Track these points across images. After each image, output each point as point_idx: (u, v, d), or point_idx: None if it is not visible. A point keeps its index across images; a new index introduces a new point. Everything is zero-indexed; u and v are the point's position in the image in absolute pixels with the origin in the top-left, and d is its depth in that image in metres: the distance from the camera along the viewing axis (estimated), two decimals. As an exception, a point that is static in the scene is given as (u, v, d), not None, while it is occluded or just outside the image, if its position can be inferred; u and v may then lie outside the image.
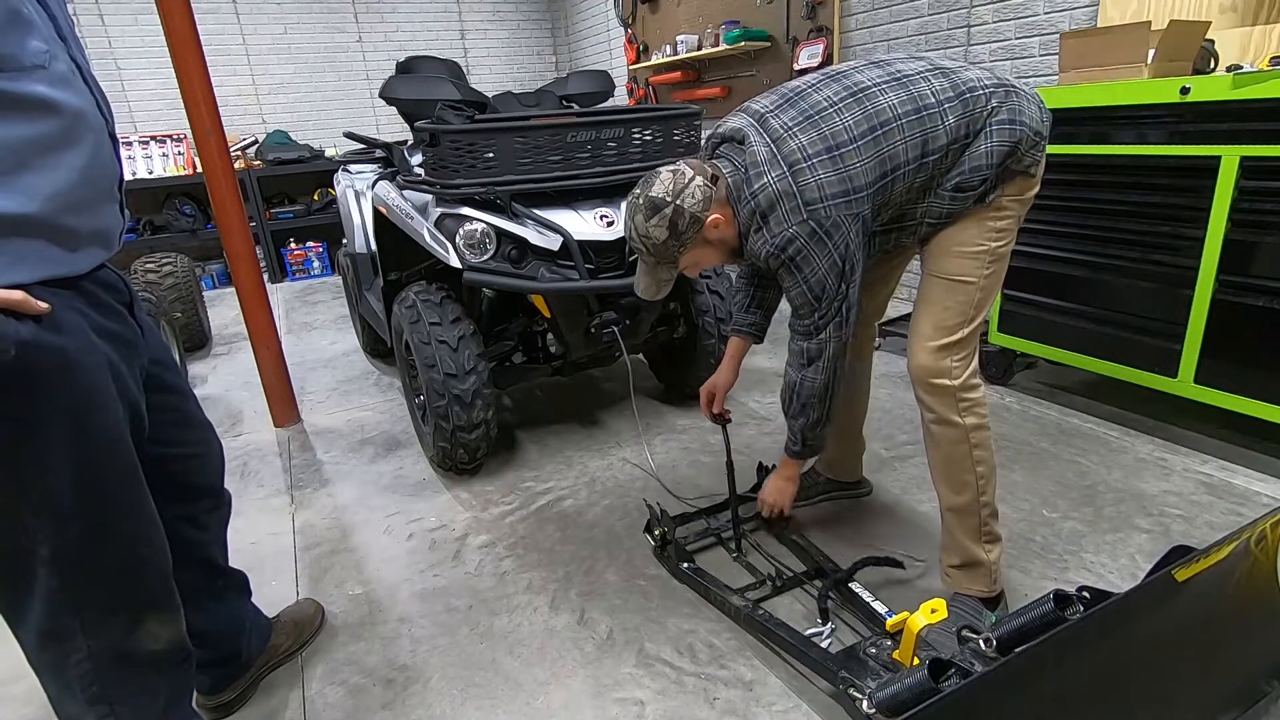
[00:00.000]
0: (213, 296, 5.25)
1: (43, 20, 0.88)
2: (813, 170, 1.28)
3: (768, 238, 1.32)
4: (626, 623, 1.62)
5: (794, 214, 1.28)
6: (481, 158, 2.02)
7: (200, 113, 2.38)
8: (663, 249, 1.38)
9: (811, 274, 1.33)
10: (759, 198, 1.31)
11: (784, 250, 1.31)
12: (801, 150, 1.29)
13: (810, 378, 1.46)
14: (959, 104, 1.29)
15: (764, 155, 1.31)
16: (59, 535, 0.92)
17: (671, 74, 5.15)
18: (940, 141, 1.30)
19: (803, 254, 1.31)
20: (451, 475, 2.34)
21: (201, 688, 1.41)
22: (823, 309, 1.37)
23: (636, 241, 1.41)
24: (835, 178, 1.27)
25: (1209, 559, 1.04)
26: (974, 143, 1.31)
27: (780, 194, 1.29)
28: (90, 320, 0.94)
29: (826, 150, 1.28)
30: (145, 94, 5.52)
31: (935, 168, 1.32)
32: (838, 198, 1.28)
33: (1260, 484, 1.99)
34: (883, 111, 1.29)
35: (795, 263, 1.32)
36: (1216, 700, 1.17)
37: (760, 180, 1.31)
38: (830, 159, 1.28)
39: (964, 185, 1.32)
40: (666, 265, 1.44)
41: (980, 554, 1.48)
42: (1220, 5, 2.35)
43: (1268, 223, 1.89)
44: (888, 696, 1.07)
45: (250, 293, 2.64)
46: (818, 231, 1.28)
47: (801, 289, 1.35)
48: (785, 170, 1.29)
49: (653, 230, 1.36)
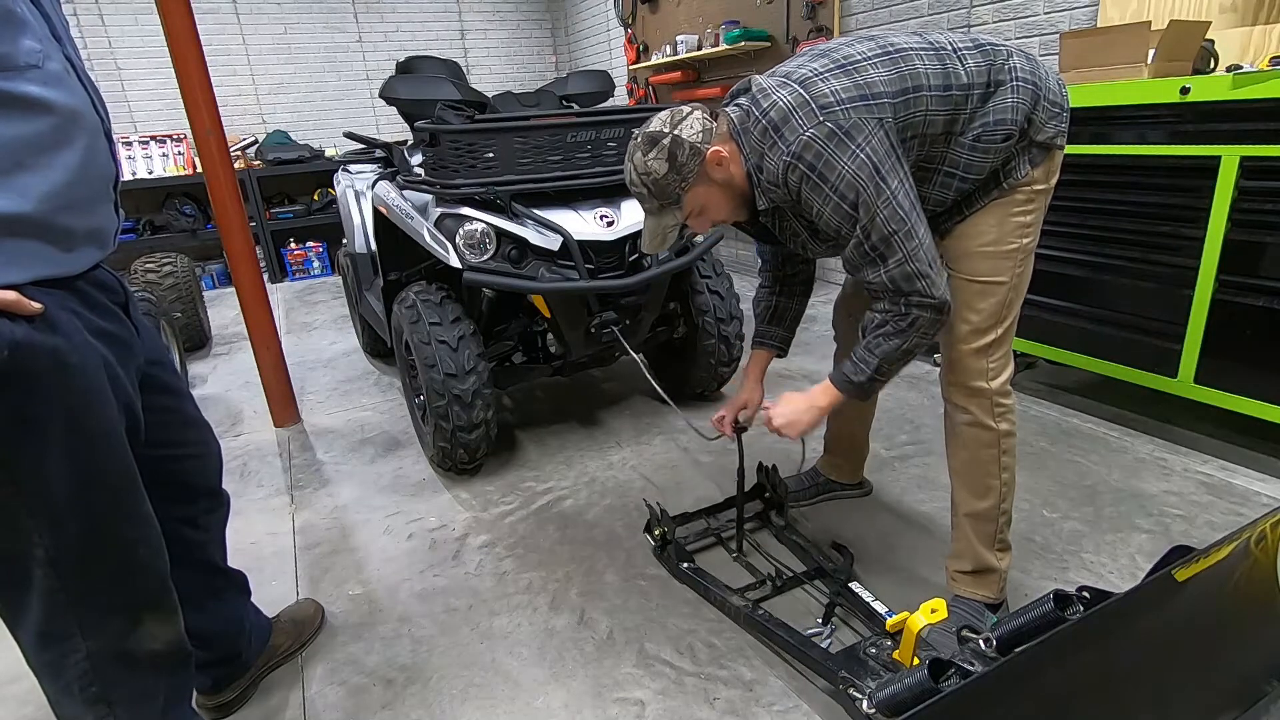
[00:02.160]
0: (213, 296, 5.25)
1: (36, 20, 0.88)
2: (825, 81, 1.20)
3: (782, 150, 1.20)
4: (626, 623, 1.62)
5: (809, 118, 1.17)
6: (481, 158, 2.02)
7: (200, 113, 2.38)
8: (664, 185, 1.29)
9: (838, 179, 1.17)
10: (770, 114, 1.22)
11: (800, 158, 1.18)
12: (813, 71, 1.22)
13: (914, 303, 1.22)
14: (977, 52, 1.26)
15: (772, 83, 1.25)
16: (56, 536, 0.92)
17: (671, 74, 5.15)
18: (961, 79, 1.23)
19: (823, 159, 1.17)
20: (451, 475, 2.34)
21: (201, 688, 1.41)
22: (863, 216, 1.18)
23: (637, 183, 1.33)
24: (850, 83, 1.19)
25: (1209, 559, 1.04)
26: (996, 93, 1.25)
27: (792, 105, 1.19)
28: (85, 320, 0.94)
29: (839, 67, 1.21)
30: (145, 94, 5.52)
31: (957, 105, 1.24)
32: (855, 100, 1.18)
33: (1260, 484, 1.99)
34: (898, 43, 1.25)
35: (817, 172, 1.18)
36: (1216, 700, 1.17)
37: (769, 99, 1.23)
38: (844, 72, 1.20)
39: (985, 137, 1.25)
40: (670, 209, 1.34)
41: (993, 561, 1.48)
42: (1220, 5, 2.35)
43: (1268, 223, 1.89)
44: (888, 696, 1.07)
45: (250, 293, 2.64)
46: (836, 132, 1.16)
47: (834, 201, 1.19)
48: (796, 86, 1.21)
49: (651, 164, 1.28)
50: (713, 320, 2.55)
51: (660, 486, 2.21)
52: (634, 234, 2.16)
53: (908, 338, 1.26)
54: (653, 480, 2.25)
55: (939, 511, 1.94)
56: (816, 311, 3.82)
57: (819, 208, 1.22)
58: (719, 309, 2.55)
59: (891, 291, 1.24)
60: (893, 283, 1.22)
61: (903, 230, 1.19)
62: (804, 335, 3.44)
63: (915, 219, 1.20)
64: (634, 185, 1.34)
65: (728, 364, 2.66)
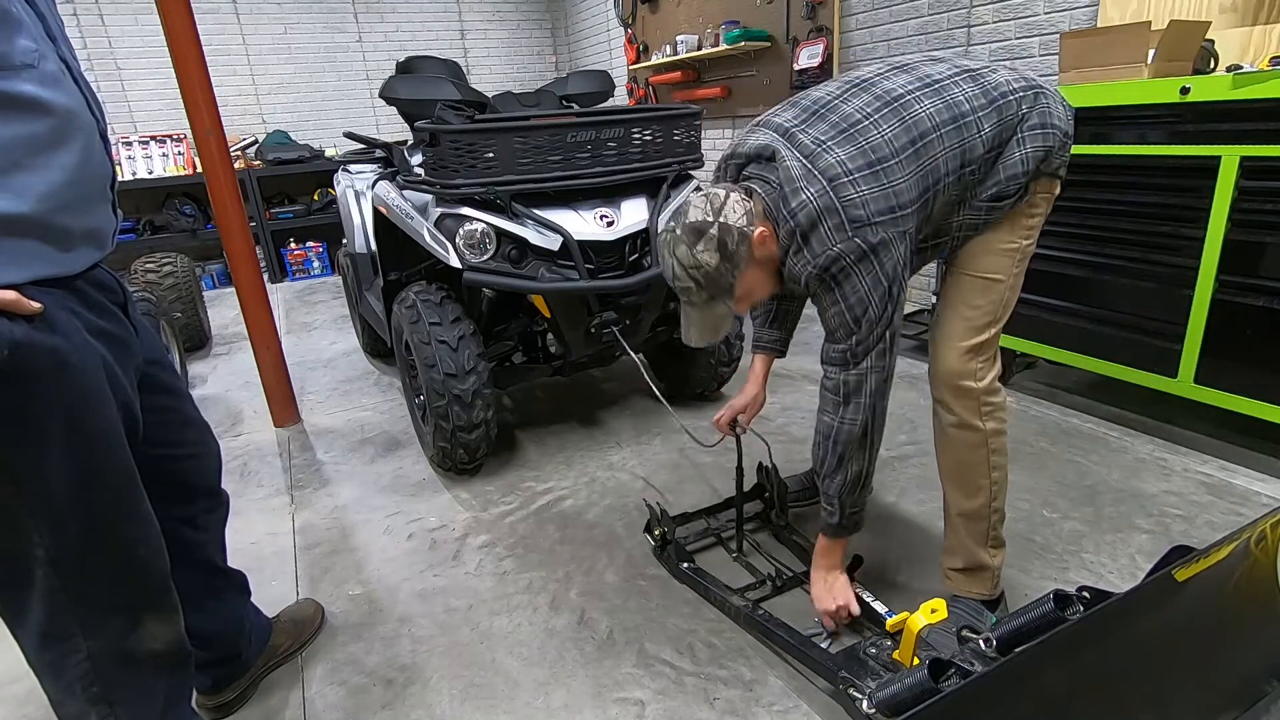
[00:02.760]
0: (213, 296, 5.25)
1: (32, 19, 0.88)
2: (855, 185, 1.18)
3: (809, 259, 1.22)
4: (626, 623, 1.62)
5: (838, 231, 1.18)
6: (481, 158, 2.01)
7: (200, 113, 2.38)
8: (716, 277, 1.25)
9: (853, 292, 1.22)
10: (798, 216, 1.21)
11: (826, 270, 1.21)
12: (841, 165, 1.19)
13: (849, 419, 1.32)
14: (993, 112, 1.24)
15: (799, 171, 1.21)
16: (56, 536, 0.92)
17: (671, 74, 5.15)
18: (977, 152, 1.24)
19: (845, 273, 1.20)
20: (451, 475, 2.34)
21: (201, 687, 1.41)
22: (863, 333, 1.25)
23: (684, 279, 1.27)
24: (879, 194, 1.18)
25: (1209, 559, 1.04)
26: (1006, 151, 1.26)
27: (822, 210, 1.18)
28: (84, 320, 0.94)
29: (868, 165, 1.19)
30: (145, 94, 5.52)
31: (970, 178, 1.26)
32: (884, 214, 1.18)
33: (1260, 484, 1.99)
34: (921, 122, 1.22)
35: (836, 280, 1.22)
36: (1216, 700, 1.17)
37: (798, 197, 1.20)
38: (873, 174, 1.19)
39: (1002, 195, 1.27)
40: (722, 298, 1.29)
41: (985, 558, 1.48)
42: (1220, 5, 2.35)
43: (1268, 223, 1.89)
44: (888, 696, 1.07)
45: (250, 293, 2.64)
46: (864, 250, 1.18)
47: (840, 309, 1.25)
48: (825, 185, 1.19)
49: (701, 257, 1.23)
50: (713, 320, 2.54)
51: (660, 486, 2.21)
52: (634, 234, 2.16)
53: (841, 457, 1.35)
54: (653, 480, 2.25)
55: (939, 512, 1.93)
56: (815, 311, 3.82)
57: (826, 305, 1.28)
58: (719, 309, 2.55)
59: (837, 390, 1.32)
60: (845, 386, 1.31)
61: (885, 345, 1.27)
62: (804, 335, 3.44)
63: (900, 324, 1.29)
64: (679, 280, 1.29)
65: (728, 364, 2.66)
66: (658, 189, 2.26)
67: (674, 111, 2.28)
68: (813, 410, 2.59)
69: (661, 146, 2.24)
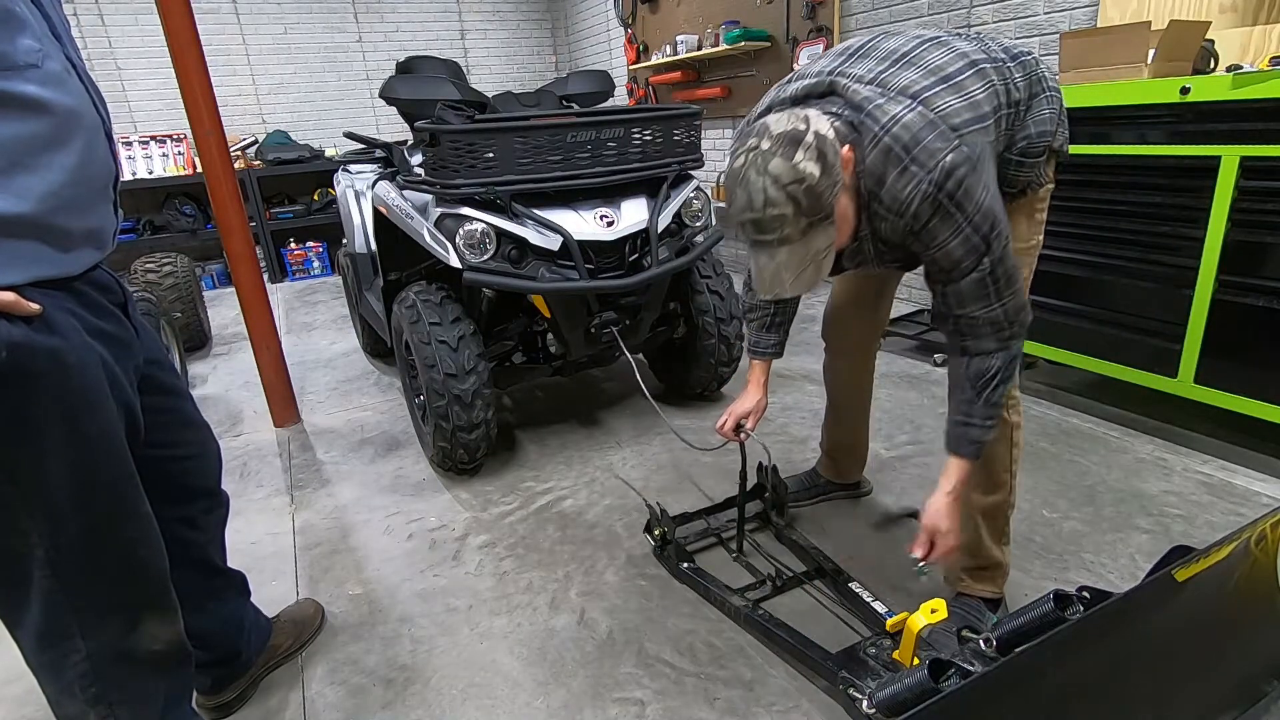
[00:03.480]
0: (213, 296, 5.25)
1: (36, 19, 0.88)
2: (939, 98, 1.08)
3: (918, 176, 1.06)
4: (626, 623, 1.62)
5: (943, 140, 1.05)
6: (481, 158, 2.01)
7: (200, 113, 2.38)
8: (820, 193, 1.04)
9: (975, 208, 1.07)
10: (893, 130, 1.07)
11: (942, 186, 1.05)
12: (915, 83, 1.10)
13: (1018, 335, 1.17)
14: (1019, 66, 1.21)
15: (871, 93, 1.10)
16: (55, 536, 0.92)
17: (671, 74, 5.15)
18: (1016, 95, 1.18)
19: (963, 187, 1.05)
20: (451, 475, 2.34)
21: (201, 688, 1.41)
22: (995, 250, 1.10)
23: (779, 202, 1.04)
24: (965, 104, 1.09)
25: (1209, 559, 1.04)
26: (1035, 104, 1.22)
27: (920, 123, 1.06)
28: (83, 321, 0.94)
29: (940, 81, 1.10)
30: (145, 94, 5.52)
31: (1011, 122, 1.19)
32: (975, 124, 1.08)
33: (1260, 484, 1.99)
34: (967, 53, 1.16)
35: (955, 200, 1.06)
36: (1216, 700, 1.17)
37: (886, 114, 1.07)
38: (949, 87, 1.10)
39: (1030, 150, 1.22)
40: (821, 225, 1.08)
41: (1000, 555, 1.48)
42: (1220, 5, 2.35)
43: (1268, 223, 1.89)
44: (888, 696, 1.07)
45: (250, 293, 2.64)
46: (973, 158, 1.06)
47: (967, 231, 1.08)
48: (910, 101, 1.08)
49: (804, 168, 1.03)
50: (713, 320, 2.55)
51: (660, 486, 2.21)
52: (634, 234, 2.16)
53: (1014, 374, 1.21)
54: (653, 480, 2.25)
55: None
56: (816, 311, 3.82)
57: (942, 239, 1.10)
58: (719, 309, 2.55)
59: (998, 326, 1.15)
60: (1005, 315, 1.15)
61: (1014, 264, 1.13)
62: (804, 335, 3.44)
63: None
64: (772, 207, 1.05)
65: (728, 364, 2.66)
66: (658, 189, 2.26)
67: (674, 111, 2.28)
68: (813, 410, 2.61)
69: (661, 146, 2.24)
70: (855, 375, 1.86)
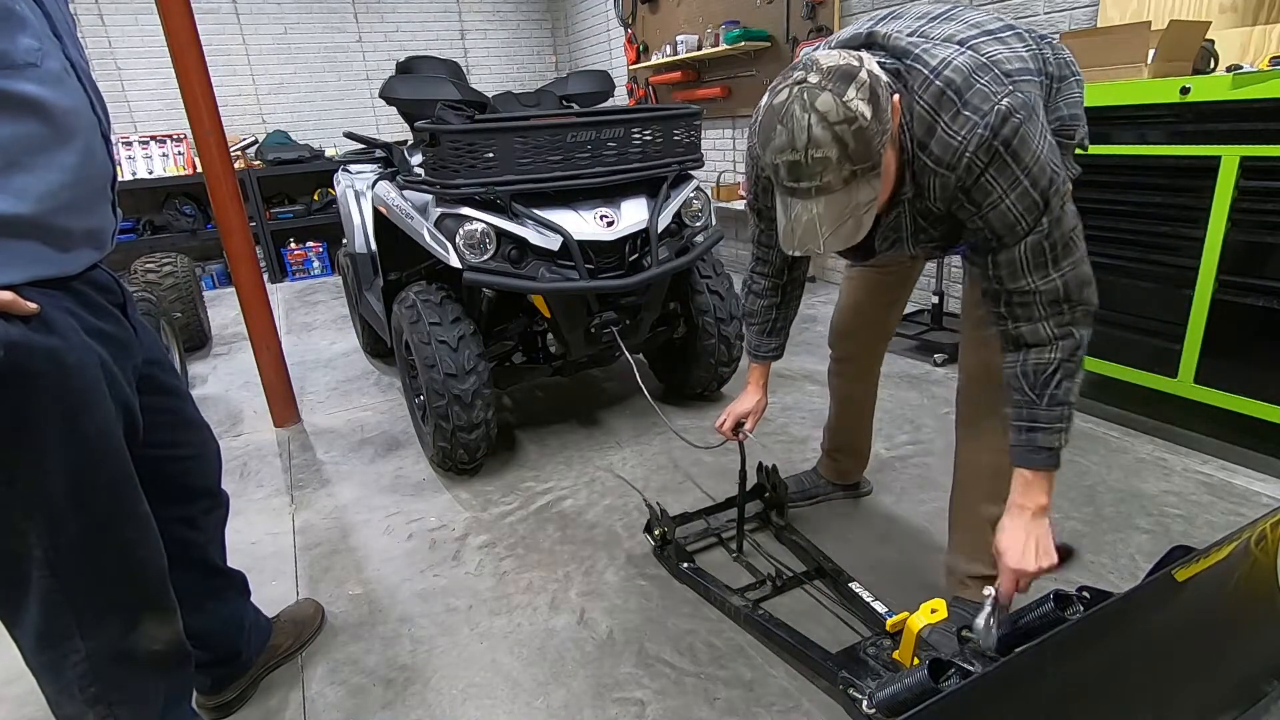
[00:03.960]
0: (213, 296, 5.25)
1: (37, 18, 0.88)
2: (987, 44, 1.03)
3: (973, 121, 0.97)
4: (626, 623, 1.62)
5: (999, 83, 0.98)
6: (481, 158, 2.01)
7: (200, 113, 2.38)
8: (870, 137, 0.94)
9: (1033, 160, 0.99)
10: (943, 74, 0.99)
11: (998, 132, 0.97)
12: (958, 33, 1.05)
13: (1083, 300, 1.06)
14: (1046, 45, 1.17)
15: (915, 40, 1.04)
16: (53, 537, 0.92)
17: (671, 74, 5.15)
18: (1049, 68, 1.14)
19: (1019, 134, 0.97)
20: (451, 475, 2.34)
21: (201, 688, 1.41)
22: (1054, 208, 1.01)
23: (825, 143, 0.94)
24: (1012, 54, 1.03)
25: (1209, 559, 1.04)
26: (1065, 84, 1.17)
27: (973, 66, 0.99)
28: (82, 320, 0.94)
29: (984, 33, 1.06)
30: (145, 94, 5.52)
31: (1047, 93, 1.14)
32: (1024, 74, 1.02)
33: (1260, 484, 1.99)
34: (1002, 18, 1.13)
35: (1012, 149, 0.98)
36: (1216, 700, 1.17)
37: (936, 58, 1.00)
38: (993, 39, 1.05)
39: (1061, 132, 1.17)
40: (866, 176, 0.98)
41: None
42: (1220, 5, 2.35)
43: (1268, 223, 1.89)
44: (888, 696, 1.07)
45: (250, 293, 2.64)
46: (1029, 104, 0.98)
47: (1023, 186, 1.00)
48: (960, 46, 1.02)
49: (855, 106, 0.93)
50: (713, 320, 2.55)
51: (660, 486, 2.21)
52: (634, 234, 2.16)
53: (1078, 368, 1.09)
54: (653, 480, 2.25)
55: (939, 511, 1.94)
56: (816, 311, 3.82)
57: (998, 196, 1.01)
58: (719, 309, 2.55)
59: (1056, 303, 1.05)
60: (1065, 289, 1.04)
61: (1078, 226, 1.04)
62: (804, 335, 3.44)
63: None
64: (817, 148, 0.94)
65: (728, 364, 2.66)
66: (658, 189, 2.26)
67: (674, 111, 2.28)
68: (813, 410, 2.61)
69: (661, 146, 2.24)
70: (861, 380, 1.85)
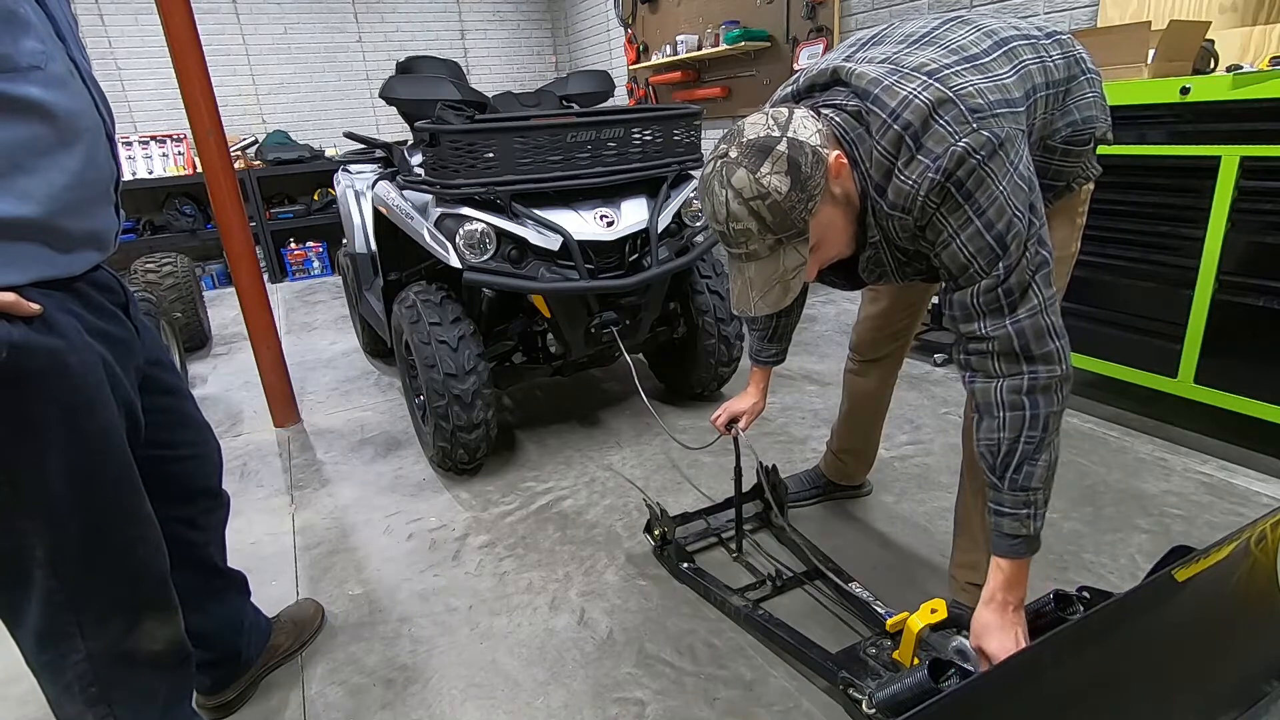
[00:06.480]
0: (213, 296, 5.25)
1: (40, 20, 0.88)
2: (959, 75, 0.97)
3: (927, 164, 0.94)
4: (626, 623, 1.62)
5: (959, 124, 0.93)
6: (481, 158, 2.01)
7: (200, 113, 2.38)
8: (787, 209, 0.96)
9: (990, 202, 0.95)
10: (904, 116, 0.95)
11: (951, 176, 0.94)
12: (934, 60, 0.99)
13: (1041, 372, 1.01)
14: (1055, 44, 1.11)
15: (880, 73, 0.99)
16: (55, 537, 0.92)
17: (671, 74, 5.15)
18: (1056, 75, 1.08)
19: (976, 175, 0.94)
20: (451, 475, 2.34)
21: (201, 688, 1.41)
22: (1013, 254, 0.96)
23: (742, 216, 0.97)
24: (989, 84, 0.97)
25: (1209, 559, 1.04)
26: (1075, 86, 1.11)
27: (935, 102, 0.94)
28: (84, 321, 0.94)
29: (963, 60, 1.00)
30: (145, 94, 5.52)
31: (1054, 99, 1.09)
32: (1002, 106, 0.96)
33: (1260, 484, 1.99)
34: (996, 31, 1.07)
35: (964, 190, 0.95)
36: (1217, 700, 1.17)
37: (896, 97, 0.96)
38: (973, 67, 1.00)
39: (1075, 139, 1.12)
40: (793, 242, 0.99)
41: None
42: (1220, 5, 2.35)
43: (1268, 223, 1.89)
44: (888, 696, 1.07)
45: (250, 293, 2.64)
46: (993, 143, 0.93)
47: (976, 228, 0.96)
48: (926, 79, 0.97)
49: (768, 182, 0.94)
50: (713, 320, 2.55)
51: (660, 486, 2.21)
52: (634, 234, 2.16)
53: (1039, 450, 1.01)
54: (653, 480, 2.25)
55: (938, 512, 1.94)
56: (816, 311, 3.82)
57: (949, 236, 0.98)
58: (719, 309, 2.55)
59: (1011, 357, 1.01)
60: (1020, 338, 0.99)
61: (1044, 273, 0.98)
62: (804, 335, 3.44)
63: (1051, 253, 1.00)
64: (735, 221, 0.98)
65: (728, 364, 2.66)
66: (658, 189, 2.26)
67: (674, 111, 2.28)
68: (813, 410, 2.61)
69: (661, 146, 2.24)
70: (878, 384, 1.84)
